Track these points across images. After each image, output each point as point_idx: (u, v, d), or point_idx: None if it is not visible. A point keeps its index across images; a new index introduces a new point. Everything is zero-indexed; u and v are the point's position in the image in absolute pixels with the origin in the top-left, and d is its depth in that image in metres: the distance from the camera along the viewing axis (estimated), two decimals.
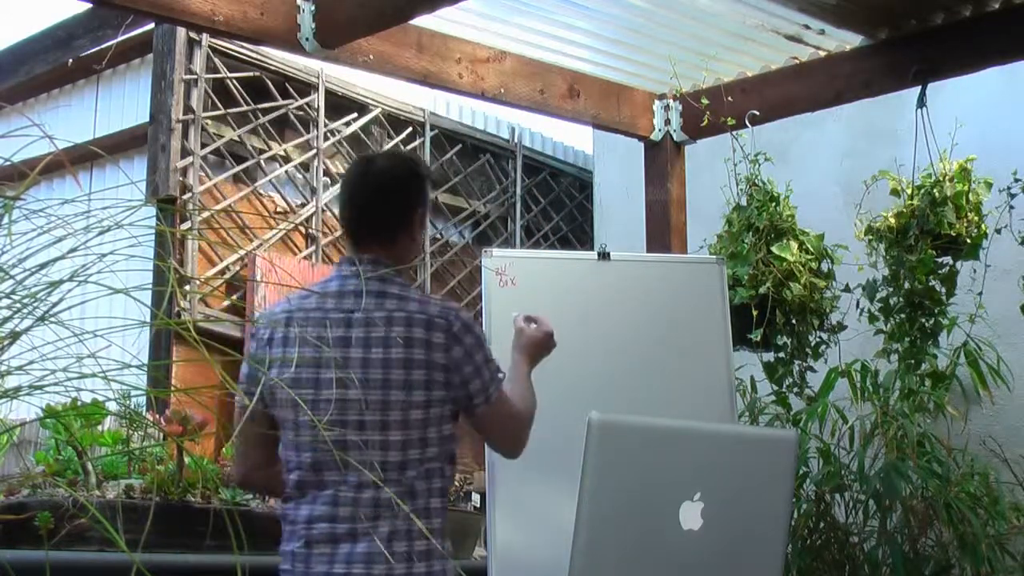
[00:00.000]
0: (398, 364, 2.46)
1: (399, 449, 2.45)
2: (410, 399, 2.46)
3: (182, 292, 4.75)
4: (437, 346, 2.48)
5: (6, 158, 1.51)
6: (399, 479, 2.44)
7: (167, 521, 2.77)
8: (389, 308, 2.50)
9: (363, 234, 2.59)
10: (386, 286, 2.54)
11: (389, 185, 2.59)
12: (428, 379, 2.47)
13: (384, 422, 2.44)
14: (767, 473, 2.41)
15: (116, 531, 1.27)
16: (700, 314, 3.90)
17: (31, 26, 8.36)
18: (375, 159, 2.70)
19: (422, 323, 2.49)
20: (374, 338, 2.47)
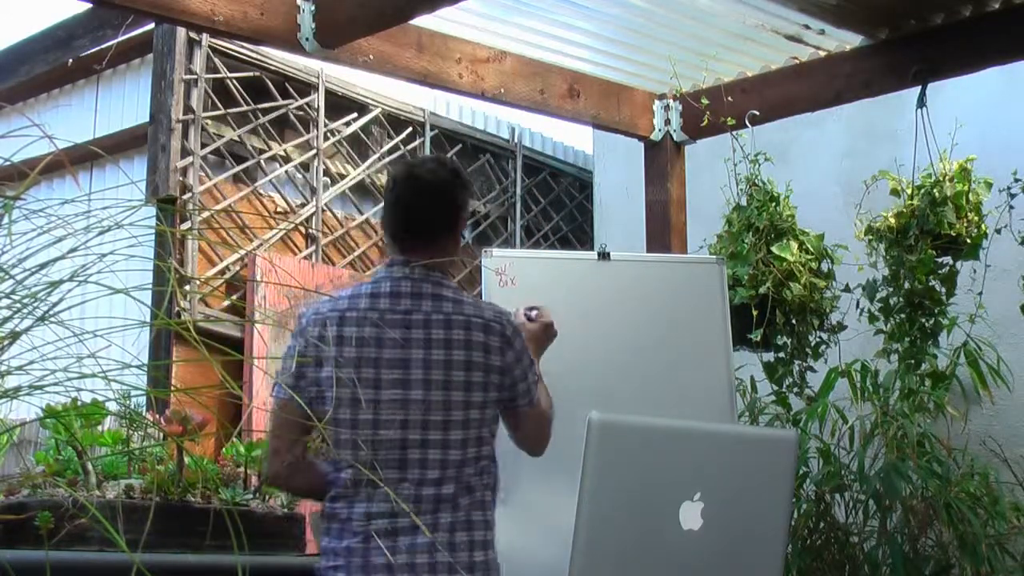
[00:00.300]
0: (459, 366, 2.55)
1: (459, 447, 2.55)
2: (469, 399, 2.56)
3: (182, 292, 4.75)
4: (493, 349, 2.59)
5: (6, 158, 1.51)
6: (457, 476, 2.54)
7: (167, 521, 2.77)
8: (447, 311, 2.58)
9: (410, 237, 2.64)
10: (440, 289, 2.62)
11: (436, 189, 2.65)
12: (486, 381, 2.57)
13: (446, 421, 2.53)
14: (767, 473, 2.41)
15: (116, 531, 1.27)
16: (700, 314, 3.90)
17: (31, 26, 8.36)
18: (420, 164, 2.73)
19: (480, 327, 2.59)
20: (434, 340, 2.55)
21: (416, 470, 2.52)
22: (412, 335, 2.55)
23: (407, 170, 2.70)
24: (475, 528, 2.54)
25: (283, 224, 6.32)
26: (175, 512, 2.80)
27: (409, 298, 2.59)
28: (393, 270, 2.63)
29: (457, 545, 2.50)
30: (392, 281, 2.61)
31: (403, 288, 2.60)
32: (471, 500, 2.55)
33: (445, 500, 2.52)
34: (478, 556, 2.52)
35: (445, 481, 2.53)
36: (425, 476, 2.52)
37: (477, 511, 2.56)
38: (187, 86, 6.01)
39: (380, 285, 2.61)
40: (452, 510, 2.52)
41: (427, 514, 2.51)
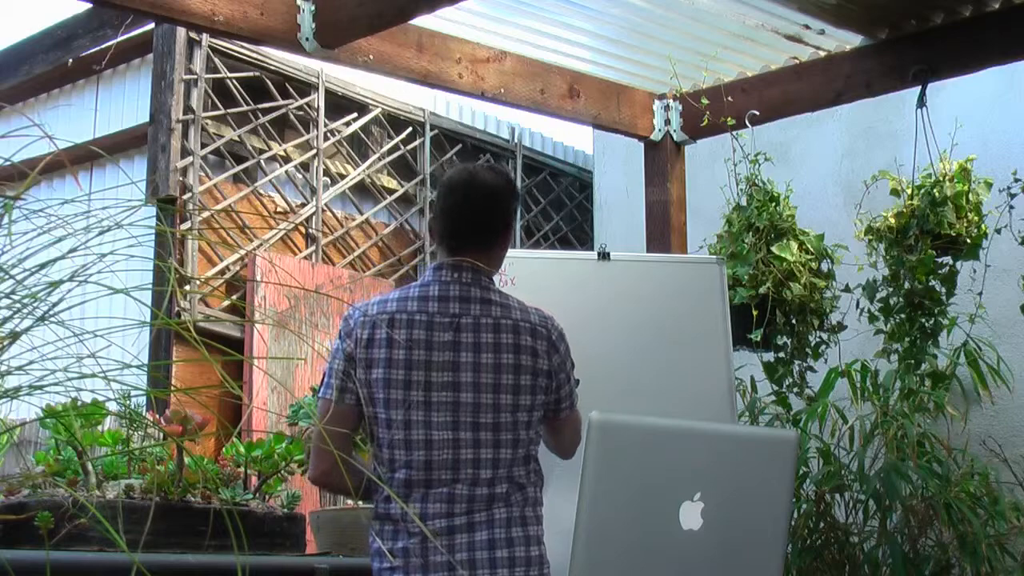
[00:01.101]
0: (508, 369, 2.61)
1: (510, 447, 2.61)
2: (518, 402, 2.62)
3: (182, 292, 4.75)
4: (541, 352, 2.65)
5: (6, 158, 1.51)
6: (509, 475, 2.60)
7: (167, 521, 2.77)
8: (495, 315, 2.64)
9: (465, 242, 2.69)
10: (488, 293, 2.67)
11: (492, 197, 2.70)
12: (533, 384, 2.64)
13: (496, 423, 2.59)
14: (767, 473, 2.41)
15: (116, 531, 1.27)
16: (700, 314, 3.90)
17: (31, 26, 8.36)
18: (479, 171, 2.78)
19: (527, 330, 2.65)
20: (484, 343, 2.61)
21: (469, 470, 2.58)
22: (461, 338, 2.61)
23: (467, 176, 2.74)
24: (528, 524, 2.61)
25: (283, 224, 6.32)
26: (175, 512, 2.80)
27: (458, 302, 2.64)
28: (442, 273, 2.67)
29: (514, 540, 2.56)
30: (441, 284, 2.66)
31: (452, 292, 2.65)
32: (524, 497, 2.61)
33: (499, 498, 2.58)
34: (533, 551, 2.59)
35: (497, 480, 2.59)
36: (478, 476, 2.58)
37: (529, 508, 2.63)
38: (187, 86, 6.01)
39: (429, 288, 2.66)
40: (506, 507, 2.58)
41: (481, 512, 2.57)
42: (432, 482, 2.57)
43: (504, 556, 2.54)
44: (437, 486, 2.57)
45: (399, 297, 2.66)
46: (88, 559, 2.49)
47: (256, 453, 3.17)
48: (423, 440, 2.57)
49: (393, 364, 2.58)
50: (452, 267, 2.67)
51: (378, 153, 6.90)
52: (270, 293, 6.00)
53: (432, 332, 2.60)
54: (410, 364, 2.58)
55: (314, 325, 6.11)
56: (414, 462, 2.57)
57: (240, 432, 4.83)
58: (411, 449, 2.57)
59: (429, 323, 2.61)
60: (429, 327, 2.60)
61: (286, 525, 3.07)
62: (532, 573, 2.56)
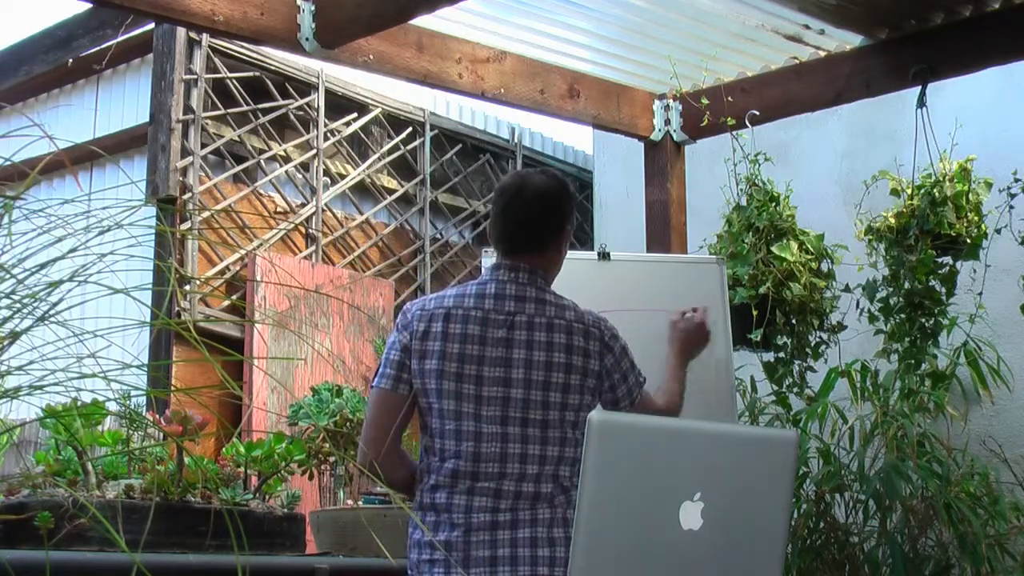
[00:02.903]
0: (558, 368, 2.65)
1: (557, 444, 2.64)
2: (566, 401, 2.65)
3: (182, 292, 4.75)
4: (593, 353, 2.70)
5: (6, 158, 1.51)
6: (555, 474, 2.63)
7: (167, 521, 2.77)
8: (549, 315, 2.69)
9: (517, 244, 2.75)
10: (543, 294, 2.72)
11: (547, 200, 2.76)
12: (582, 384, 2.68)
13: (544, 420, 2.63)
14: (767, 473, 2.41)
15: (116, 531, 1.27)
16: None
17: (31, 26, 8.36)
18: (532, 175, 2.83)
19: (580, 332, 2.70)
20: (536, 342, 2.66)
21: (516, 464, 2.61)
22: (515, 336, 2.66)
23: (519, 180, 2.80)
24: (570, 526, 2.60)
25: (283, 224, 6.32)
26: (175, 512, 2.80)
27: (513, 300, 2.69)
28: (499, 273, 2.74)
29: (556, 541, 2.59)
30: (498, 283, 2.72)
31: (508, 291, 2.70)
32: (567, 499, 2.63)
33: (543, 497, 2.61)
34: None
35: (543, 478, 2.62)
36: (525, 471, 2.61)
37: (571, 510, 2.62)
38: (187, 86, 6.01)
39: (486, 286, 2.72)
40: (550, 507, 2.61)
41: (526, 509, 2.60)
42: (479, 475, 2.60)
43: (545, 555, 2.57)
44: (484, 479, 2.60)
45: (457, 293, 2.74)
46: (88, 559, 2.49)
47: (256, 453, 3.17)
48: (473, 431, 2.62)
49: (447, 356, 2.64)
50: (509, 267, 2.73)
51: (378, 153, 6.90)
52: (270, 293, 6.00)
53: (487, 328, 2.66)
54: (463, 358, 2.64)
55: (314, 325, 6.11)
56: (463, 452, 2.61)
57: (240, 432, 4.83)
58: (460, 440, 2.62)
59: (484, 319, 2.67)
60: (484, 323, 2.67)
61: (286, 525, 3.06)
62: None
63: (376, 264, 6.81)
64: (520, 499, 2.60)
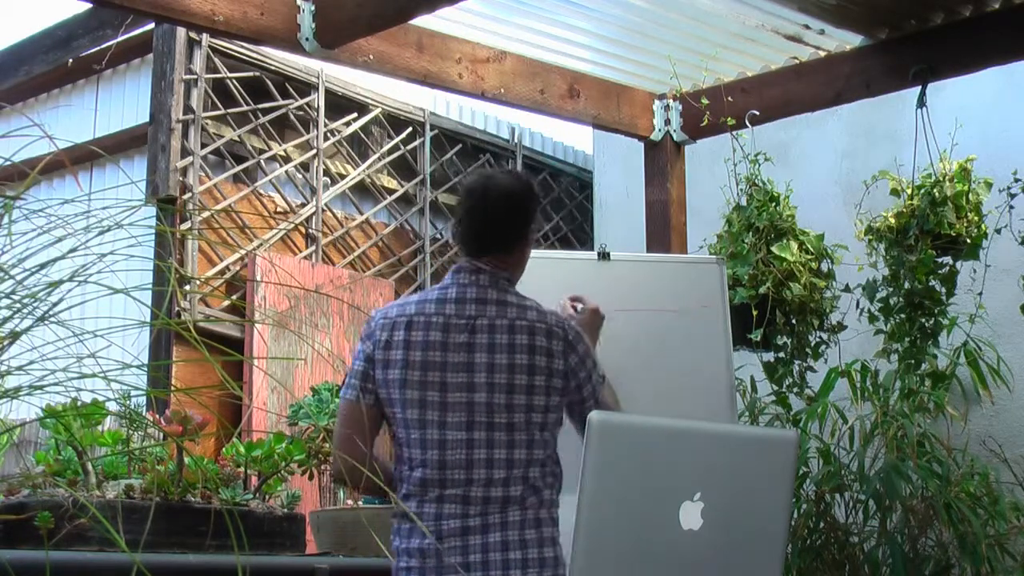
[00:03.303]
0: (521, 369, 2.63)
1: (524, 447, 2.62)
2: (531, 402, 2.63)
3: (182, 292, 4.75)
4: (557, 353, 2.66)
5: (6, 158, 1.51)
6: (524, 476, 2.62)
7: (167, 521, 2.77)
8: (511, 316, 2.66)
9: (482, 245, 2.73)
10: (505, 295, 2.70)
11: (512, 201, 2.75)
12: (548, 384, 2.65)
13: (509, 423, 2.62)
14: (767, 473, 2.41)
15: (116, 531, 1.27)
16: (700, 314, 3.90)
17: (31, 26, 8.36)
18: (496, 175, 2.83)
19: (543, 332, 2.67)
20: (498, 344, 2.63)
21: (482, 470, 2.60)
22: (477, 340, 2.64)
23: (482, 182, 2.79)
24: (543, 525, 2.62)
25: (283, 224, 6.32)
26: (175, 512, 2.80)
27: (475, 304, 2.67)
28: (461, 276, 2.72)
29: (528, 542, 2.58)
30: (459, 287, 2.70)
31: (469, 294, 2.68)
32: (539, 499, 2.63)
33: (513, 500, 2.60)
34: (548, 552, 2.60)
35: (512, 482, 2.61)
36: (492, 476, 2.60)
37: (544, 510, 2.64)
38: (187, 86, 6.01)
39: (448, 291, 2.70)
40: (520, 509, 2.60)
41: (496, 513, 2.59)
42: (447, 482, 2.60)
43: (517, 558, 2.57)
44: (451, 486, 2.60)
45: (418, 300, 2.72)
46: (88, 559, 2.49)
47: (256, 453, 3.17)
48: (437, 439, 2.61)
49: (410, 365, 2.63)
50: (470, 270, 2.71)
51: (378, 153, 6.90)
52: (270, 293, 6.00)
53: (448, 334, 2.64)
54: (426, 365, 2.63)
55: (314, 325, 6.11)
56: (429, 461, 2.61)
57: (240, 432, 4.83)
58: (426, 448, 2.61)
59: (446, 325, 2.65)
60: (446, 329, 2.65)
61: (286, 525, 3.06)
62: (546, 574, 2.59)
63: (376, 264, 6.81)
64: (489, 504, 2.59)
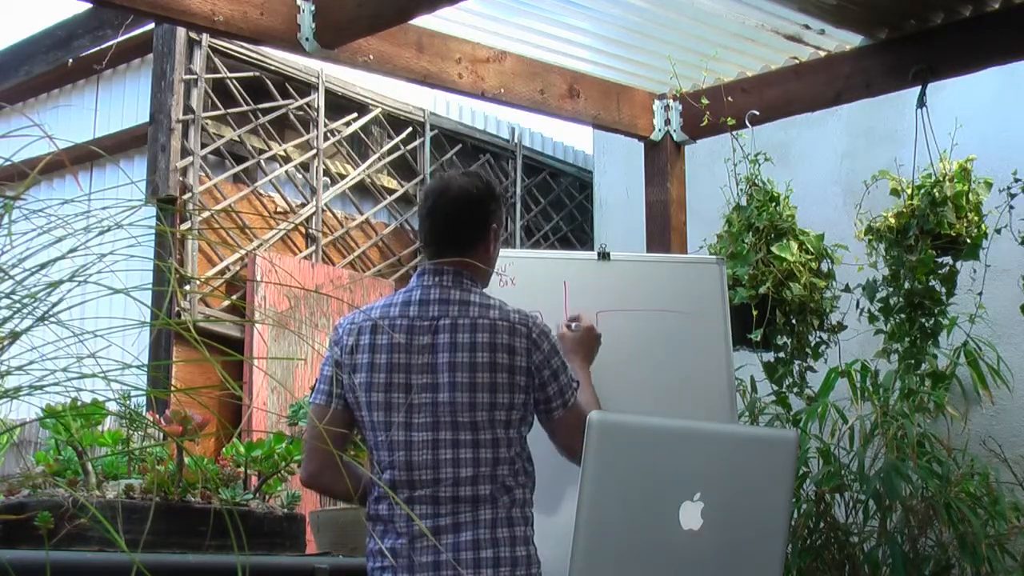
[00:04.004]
0: (483, 368, 2.62)
1: (490, 447, 2.62)
2: (495, 400, 2.62)
3: (182, 292, 4.75)
4: (519, 350, 2.65)
5: (6, 158, 1.51)
6: (492, 475, 2.62)
7: (167, 521, 2.77)
8: (473, 315, 2.66)
9: (443, 246, 2.74)
10: (468, 295, 2.70)
11: (469, 201, 2.75)
12: (511, 382, 2.64)
13: (473, 423, 2.61)
14: (767, 473, 2.41)
15: (116, 531, 1.27)
16: (700, 314, 3.90)
17: (31, 26, 8.36)
18: (454, 177, 2.84)
19: (505, 329, 2.66)
20: (460, 343, 2.63)
21: (449, 469, 2.60)
22: (439, 340, 2.65)
23: (442, 183, 2.81)
24: (515, 524, 2.62)
25: (283, 224, 6.32)
26: (175, 512, 2.80)
27: (437, 304, 2.68)
28: (424, 278, 2.73)
29: (500, 541, 2.58)
30: (423, 289, 2.71)
31: (432, 295, 2.69)
32: (510, 498, 2.63)
33: (483, 499, 2.60)
34: (520, 551, 2.60)
35: (480, 480, 2.61)
36: (459, 475, 2.60)
37: (516, 508, 2.64)
38: (187, 86, 6.01)
39: (412, 293, 2.72)
40: (492, 508, 2.60)
41: (466, 512, 2.60)
42: (415, 483, 2.61)
43: (488, 556, 2.56)
44: (420, 487, 2.61)
45: (384, 304, 2.74)
46: (88, 559, 2.49)
47: (256, 453, 3.17)
48: (404, 441, 2.62)
49: (375, 368, 2.65)
50: (433, 271, 2.73)
51: (378, 153, 6.90)
52: (270, 293, 6.00)
53: (412, 335, 2.66)
54: (391, 367, 2.64)
55: (314, 325, 6.11)
56: (396, 463, 2.62)
57: (240, 432, 4.83)
58: (393, 450, 2.63)
59: (409, 327, 2.66)
60: (409, 331, 2.66)
61: (286, 525, 3.07)
62: (518, 573, 2.59)
63: (376, 264, 6.81)
64: (459, 503, 2.60)
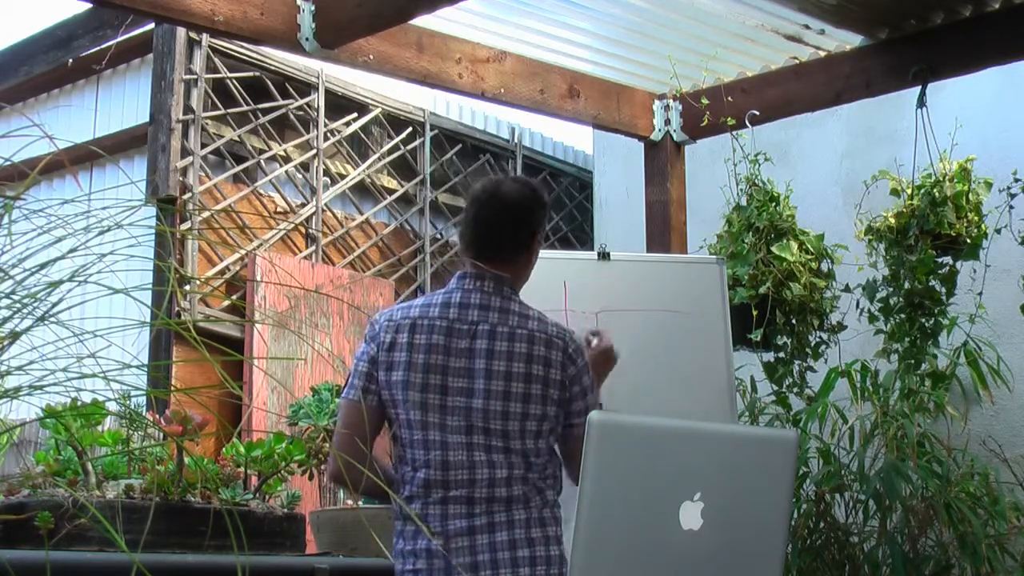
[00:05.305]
0: (518, 378, 2.64)
1: (520, 455, 2.64)
2: (527, 411, 2.64)
3: (182, 292, 4.75)
4: (555, 363, 2.67)
5: (6, 158, 1.51)
6: (524, 478, 2.63)
7: (167, 521, 2.77)
8: (512, 324, 2.67)
9: (486, 252, 2.73)
10: (508, 303, 2.71)
11: (518, 210, 2.75)
12: (544, 394, 2.66)
13: (505, 431, 2.63)
14: (767, 473, 2.41)
15: (116, 531, 1.27)
16: (700, 314, 3.90)
17: (31, 26, 8.36)
18: (504, 182, 2.82)
19: (543, 341, 2.67)
20: (497, 351, 2.65)
21: (485, 470, 2.61)
22: (477, 345, 2.65)
23: (489, 188, 2.79)
24: (547, 524, 2.64)
25: (283, 224, 6.32)
26: (175, 512, 2.80)
27: (477, 310, 2.68)
28: (465, 282, 2.73)
29: (535, 541, 2.60)
30: (463, 292, 2.71)
31: (473, 300, 2.69)
32: (542, 500, 2.65)
33: (517, 499, 2.62)
34: (553, 550, 2.63)
35: (514, 482, 2.62)
36: (495, 476, 2.61)
37: (548, 509, 2.66)
38: (187, 86, 6.01)
39: (452, 295, 2.72)
40: (525, 508, 2.62)
41: (501, 512, 2.61)
42: (450, 483, 2.61)
43: (525, 555, 2.58)
44: (455, 487, 2.61)
45: (423, 303, 2.74)
46: (88, 559, 2.49)
47: (256, 453, 3.17)
48: (439, 440, 2.63)
49: (413, 367, 2.65)
50: (475, 276, 2.72)
51: (378, 153, 6.90)
52: (270, 293, 6.00)
53: (451, 338, 2.66)
54: (428, 368, 2.65)
55: (314, 325, 6.11)
56: (432, 461, 2.62)
57: (240, 432, 4.83)
58: (429, 449, 2.63)
59: (448, 329, 2.67)
60: (448, 333, 2.66)
61: (286, 525, 3.06)
62: (553, 572, 2.61)
63: (376, 264, 6.81)
64: (494, 503, 2.61)
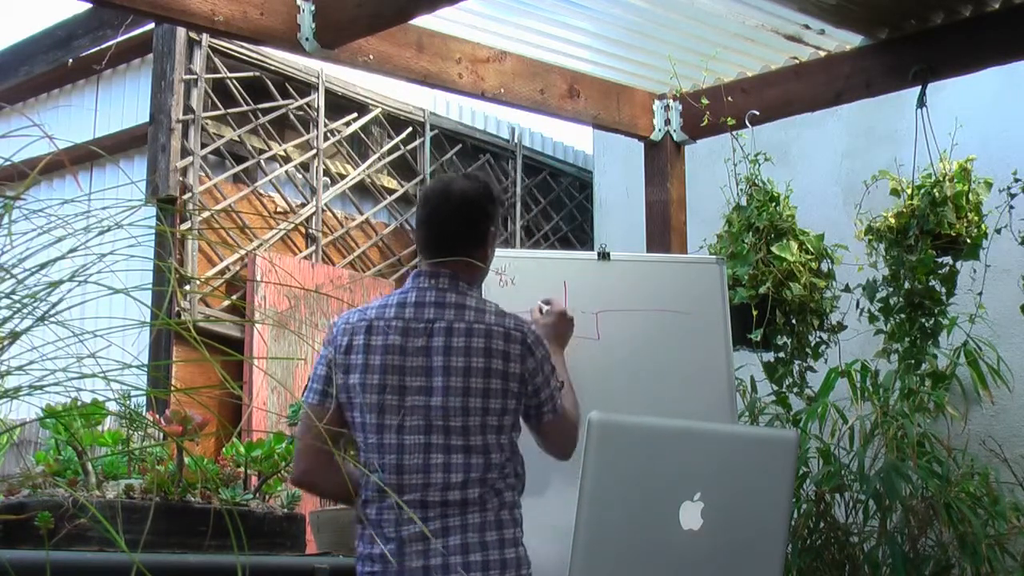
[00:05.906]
0: (477, 373, 2.62)
1: (481, 453, 2.62)
2: (488, 406, 2.62)
3: (182, 292, 4.75)
4: (513, 356, 2.65)
5: (6, 158, 1.51)
6: (482, 479, 2.61)
7: (167, 521, 2.77)
8: (469, 319, 2.66)
9: (442, 251, 2.72)
10: (464, 299, 2.70)
11: (466, 206, 2.74)
12: (504, 388, 2.64)
13: (465, 427, 2.61)
14: (767, 473, 2.41)
15: (116, 531, 1.27)
16: (700, 314, 3.90)
17: (31, 26, 8.36)
18: (455, 180, 2.83)
19: (500, 335, 2.66)
20: (455, 347, 2.63)
21: (440, 474, 2.60)
22: (434, 343, 2.64)
23: (439, 188, 2.80)
24: (504, 527, 2.62)
25: (283, 224, 6.32)
26: (175, 512, 2.80)
27: (433, 308, 2.67)
28: (420, 280, 2.72)
29: (488, 544, 2.58)
30: (418, 291, 2.70)
31: (428, 298, 2.68)
32: (499, 501, 2.63)
33: (472, 503, 2.60)
34: (509, 553, 2.60)
35: (470, 484, 2.60)
36: (449, 480, 2.59)
37: (505, 511, 2.64)
38: (187, 86, 6.01)
39: (407, 295, 2.71)
40: (480, 512, 2.60)
41: (455, 516, 2.59)
42: (404, 487, 2.60)
43: (478, 560, 2.56)
44: (409, 491, 2.60)
45: (379, 305, 2.73)
46: (88, 559, 2.49)
47: (256, 453, 3.17)
48: (395, 444, 2.61)
49: (369, 369, 2.64)
50: (430, 274, 2.72)
51: (378, 153, 6.90)
52: (270, 293, 6.00)
53: (407, 338, 2.65)
54: (385, 369, 2.64)
55: (314, 325, 6.10)
56: (386, 466, 2.61)
57: (240, 432, 4.82)
58: (383, 453, 2.62)
59: (405, 329, 2.66)
60: (404, 333, 2.65)
61: (286, 525, 3.06)
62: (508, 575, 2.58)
63: (376, 264, 6.81)
64: (448, 507, 2.59)
